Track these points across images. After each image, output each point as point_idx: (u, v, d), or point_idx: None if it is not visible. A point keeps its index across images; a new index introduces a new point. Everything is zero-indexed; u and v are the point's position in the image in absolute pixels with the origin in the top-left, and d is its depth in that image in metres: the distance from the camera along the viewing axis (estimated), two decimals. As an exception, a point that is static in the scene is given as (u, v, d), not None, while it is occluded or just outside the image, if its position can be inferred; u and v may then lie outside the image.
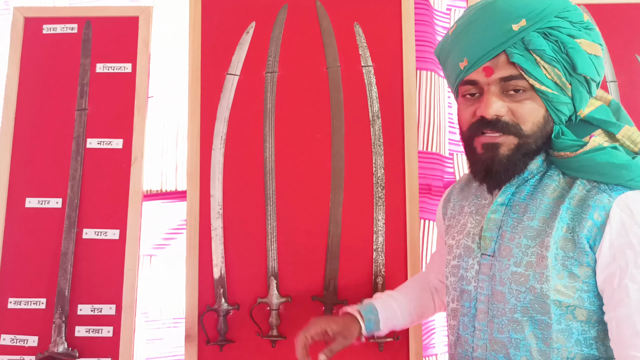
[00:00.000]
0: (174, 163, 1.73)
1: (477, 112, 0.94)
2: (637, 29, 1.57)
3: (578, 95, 0.94)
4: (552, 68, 0.90)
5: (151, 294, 1.72)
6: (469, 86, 0.96)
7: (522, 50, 0.90)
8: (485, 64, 0.92)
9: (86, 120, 1.58)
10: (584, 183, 0.92)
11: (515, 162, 0.94)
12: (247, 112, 1.56)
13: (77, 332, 1.47)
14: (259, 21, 1.59)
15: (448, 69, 1.01)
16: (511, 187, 0.98)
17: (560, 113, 0.94)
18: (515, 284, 0.92)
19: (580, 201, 0.91)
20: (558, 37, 0.90)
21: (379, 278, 1.48)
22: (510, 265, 0.93)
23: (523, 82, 0.91)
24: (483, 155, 0.95)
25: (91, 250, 1.51)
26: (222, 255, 1.50)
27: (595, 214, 0.88)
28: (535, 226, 0.93)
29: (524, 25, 0.90)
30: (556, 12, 0.91)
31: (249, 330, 1.48)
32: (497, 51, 0.91)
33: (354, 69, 1.56)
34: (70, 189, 1.53)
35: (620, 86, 1.56)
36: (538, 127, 0.93)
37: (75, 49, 1.61)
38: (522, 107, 0.92)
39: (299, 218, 1.51)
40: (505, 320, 0.93)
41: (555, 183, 0.95)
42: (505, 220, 0.97)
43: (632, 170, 0.90)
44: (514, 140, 0.93)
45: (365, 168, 1.52)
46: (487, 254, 0.97)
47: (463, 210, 1.09)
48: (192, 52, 1.58)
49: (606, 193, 0.89)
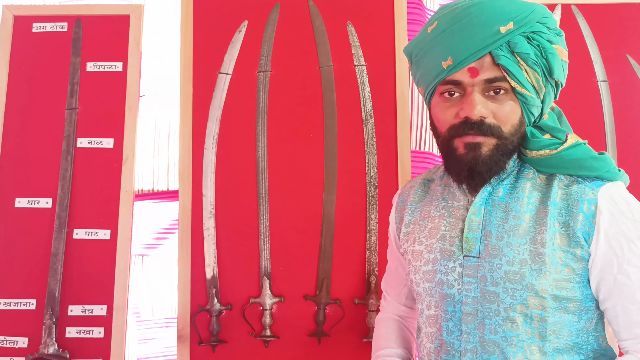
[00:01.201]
0: (165, 162, 1.72)
1: (461, 113, 0.94)
2: (628, 28, 1.58)
3: (548, 99, 0.98)
4: (532, 72, 0.93)
5: (143, 294, 1.71)
6: (451, 86, 0.95)
7: (508, 52, 0.92)
8: (471, 65, 0.93)
9: (76, 120, 1.56)
10: (561, 179, 0.96)
11: (496, 161, 0.95)
12: (240, 111, 1.55)
13: (68, 333, 1.46)
14: (251, 20, 1.58)
15: (424, 68, 1.00)
16: (487, 188, 0.99)
17: (532, 115, 0.98)
18: (509, 283, 0.92)
19: (564, 196, 0.94)
20: (540, 42, 0.93)
21: (372, 277, 1.48)
22: (503, 265, 0.93)
23: (505, 84, 0.93)
24: (466, 156, 0.95)
25: (82, 251, 1.50)
26: (214, 255, 1.49)
27: (585, 207, 0.92)
28: (523, 224, 0.94)
29: (511, 28, 0.91)
30: (538, 17, 0.94)
31: (241, 330, 1.48)
32: (483, 52, 0.92)
33: (346, 68, 1.56)
34: (61, 189, 1.52)
35: (611, 86, 1.57)
36: (515, 129, 0.96)
37: (65, 47, 1.60)
38: (503, 108, 0.94)
39: (292, 217, 1.51)
40: (500, 320, 0.93)
41: (532, 181, 0.98)
42: (488, 220, 0.97)
43: (607, 162, 0.96)
44: (493, 141, 0.94)
45: (358, 167, 1.52)
46: (471, 255, 0.96)
47: (429, 214, 1.06)
48: (184, 50, 1.57)
49: (587, 187, 0.94)
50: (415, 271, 1.04)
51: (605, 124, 1.56)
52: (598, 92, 1.56)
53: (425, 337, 1.03)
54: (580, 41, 1.58)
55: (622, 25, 1.58)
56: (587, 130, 1.24)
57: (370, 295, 1.47)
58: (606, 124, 1.56)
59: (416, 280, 1.04)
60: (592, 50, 1.58)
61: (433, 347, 1.00)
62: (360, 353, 1.46)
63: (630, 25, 1.58)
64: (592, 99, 1.56)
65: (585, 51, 1.58)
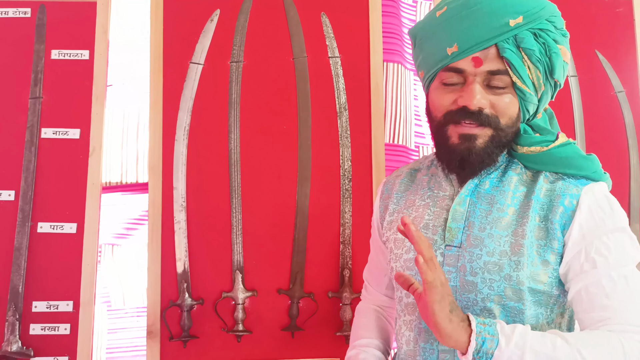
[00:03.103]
0: (134, 154, 1.68)
1: (459, 101, 0.93)
2: (598, 25, 1.61)
3: (545, 99, 0.98)
4: (535, 69, 0.93)
5: (113, 283, 1.68)
6: (453, 73, 0.95)
7: (513, 46, 0.91)
8: (475, 54, 0.92)
9: (40, 109, 1.51)
10: (547, 175, 0.97)
11: (489, 153, 0.95)
12: (212, 102, 1.52)
13: (32, 330, 1.41)
14: (223, 9, 1.55)
15: (427, 51, 0.99)
16: (475, 180, 0.99)
17: (527, 113, 0.98)
18: (489, 273, 0.93)
19: (548, 192, 0.95)
20: (546, 40, 0.93)
21: (346, 271, 1.47)
22: (483, 255, 0.94)
23: (506, 78, 0.93)
24: (460, 146, 0.95)
25: (47, 245, 1.45)
26: (185, 249, 1.46)
27: (566, 201, 0.93)
28: (506, 217, 0.95)
29: (520, 22, 0.91)
30: (547, 15, 0.93)
31: (213, 325, 1.45)
32: (490, 43, 0.91)
33: (321, 60, 1.55)
34: (24, 181, 1.46)
35: (580, 81, 1.60)
36: (512, 122, 0.96)
37: (28, 34, 1.54)
38: (502, 100, 0.94)
39: (265, 211, 1.49)
40: (477, 310, 0.94)
41: (519, 176, 0.99)
42: (472, 211, 0.98)
43: (595, 163, 0.97)
44: (489, 132, 0.94)
45: (333, 160, 1.51)
46: (452, 245, 0.97)
47: (414, 203, 1.06)
48: (153, 39, 1.53)
49: (572, 184, 0.95)
50: (396, 259, 1.04)
51: (575, 118, 1.58)
52: (568, 87, 1.59)
53: (404, 325, 1.03)
54: (551, 36, 1.60)
55: (592, 21, 1.61)
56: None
57: (344, 289, 1.47)
58: (576, 118, 1.59)
59: (397, 268, 1.04)
60: (563, 45, 1.60)
61: (412, 335, 1.00)
62: (334, 346, 1.46)
63: (600, 22, 1.61)
64: (562, 93, 1.58)
65: (556, 46, 1.60)
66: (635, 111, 1.59)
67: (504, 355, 0.80)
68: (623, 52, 1.61)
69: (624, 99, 1.59)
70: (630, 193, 1.56)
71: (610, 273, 0.88)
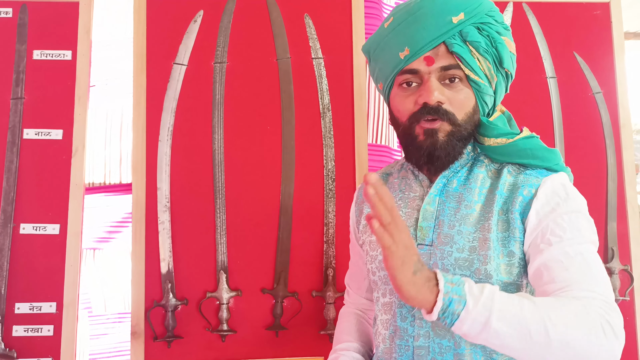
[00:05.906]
0: (118, 155, 1.68)
1: (419, 99, 0.98)
2: (576, 27, 1.64)
3: (500, 90, 1.03)
4: (484, 60, 0.98)
5: (95, 289, 1.67)
6: (409, 75, 0.99)
7: (460, 41, 0.97)
8: (427, 54, 0.97)
9: (22, 110, 1.50)
10: (510, 170, 1.01)
11: (453, 146, 0.99)
12: (195, 103, 1.52)
13: (15, 331, 1.41)
14: (207, 10, 1.55)
15: (382, 62, 1.03)
16: (443, 179, 1.03)
17: (485, 105, 1.02)
18: (459, 269, 0.95)
19: (510, 186, 0.99)
20: (489, 32, 0.99)
21: (330, 270, 1.49)
22: (453, 252, 0.96)
23: (459, 72, 0.98)
24: (425, 142, 0.99)
25: (29, 246, 1.45)
26: (169, 249, 1.46)
27: (525, 190, 0.96)
28: (474, 214, 0.98)
29: (462, 18, 0.97)
30: (486, 10, 0.99)
31: (198, 325, 1.46)
32: (438, 41, 0.97)
33: (304, 61, 1.56)
34: (6, 182, 1.46)
35: (559, 82, 1.62)
36: (468, 117, 1.00)
37: (10, 34, 1.53)
38: (458, 95, 0.98)
39: (249, 211, 1.50)
40: None
41: (484, 173, 1.02)
42: (441, 209, 1.01)
43: (557, 156, 1.02)
44: (448, 126, 0.98)
45: (316, 160, 1.52)
46: (424, 243, 0.99)
47: None
48: (137, 39, 1.52)
49: (532, 175, 0.98)
50: (371, 260, 1.07)
51: (554, 119, 1.61)
52: (547, 88, 1.62)
53: (381, 324, 1.05)
54: (530, 38, 1.63)
55: (570, 24, 1.64)
56: (536, 125, 1.28)
57: (327, 288, 1.48)
58: (554, 118, 1.61)
59: (372, 269, 1.06)
60: (542, 47, 1.63)
61: (388, 334, 1.02)
62: (317, 345, 1.47)
63: (578, 24, 1.64)
64: (542, 94, 1.62)
65: (535, 48, 1.63)
66: (612, 111, 1.62)
67: (470, 316, 0.79)
68: (600, 54, 1.64)
69: (602, 99, 1.62)
70: (608, 192, 1.59)
71: (566, 249, 0.89)
